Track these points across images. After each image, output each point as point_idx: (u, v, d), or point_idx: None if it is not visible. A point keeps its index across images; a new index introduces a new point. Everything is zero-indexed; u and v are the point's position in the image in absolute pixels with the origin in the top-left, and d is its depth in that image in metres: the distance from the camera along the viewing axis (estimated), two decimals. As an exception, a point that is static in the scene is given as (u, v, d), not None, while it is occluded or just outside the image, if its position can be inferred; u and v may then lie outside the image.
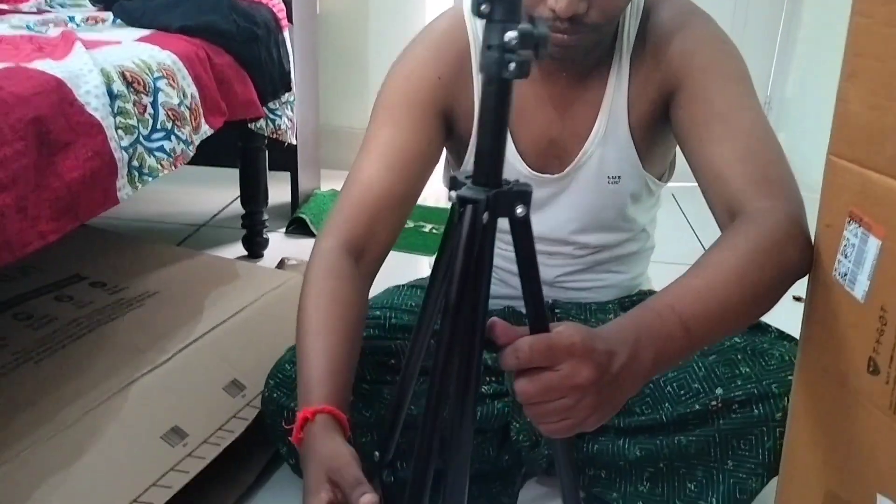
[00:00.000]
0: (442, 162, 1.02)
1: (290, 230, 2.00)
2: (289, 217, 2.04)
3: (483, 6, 0.47)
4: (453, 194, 0.52)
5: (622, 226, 1.03)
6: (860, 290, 0.63)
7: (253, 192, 1.78)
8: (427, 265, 1.28)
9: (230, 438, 0.97)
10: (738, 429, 0.88)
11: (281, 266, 1.62)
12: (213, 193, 2.24)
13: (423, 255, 1.80)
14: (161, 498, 0.84)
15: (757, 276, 0.69)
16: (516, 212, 0.51)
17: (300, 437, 0.71)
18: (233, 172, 1.78)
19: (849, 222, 0.64)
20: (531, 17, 0.49)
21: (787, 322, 0.91)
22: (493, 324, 0.55)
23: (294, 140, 1.78)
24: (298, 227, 1.99)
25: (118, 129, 1.07)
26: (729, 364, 0.91)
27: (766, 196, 0.77)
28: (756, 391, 0.87)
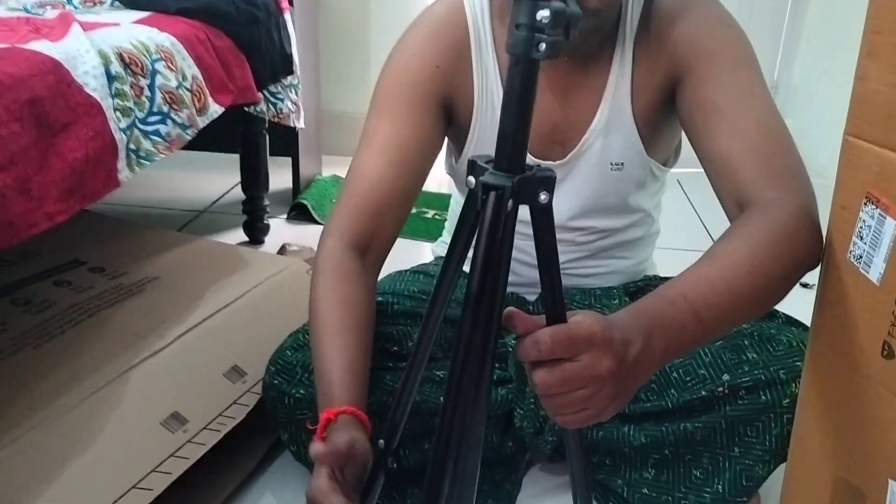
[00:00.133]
0: (443, 149, 1.01)
1: (291, 216, 1.99)
2: (290, 203, 2.03)
3: None
4: (472, 180, 0.50)
5: (626, 212, 1.02)
6: (875, 272, 0.62)
7: (254, 178, 1.77)
8: (429, 251, 1.27)
9: (230, 425, 0.96)
10: (745, 415, 0.88)
11: (282, 252, 1.61)
12: (214, 179, 2.23)
13: (426, 240, 1.79)
14: (161, 484, 0.83)
15: (769, 268, 0.68)
16: (540, 198, 0.50)
17: (324, 438, 0.72)
18: (234, 158, 1.77)
19: (865, 204, 0.63)
20: None
21: (795, 308, 0.90)
22: (512, 314, 0.54)
23: (301, 124, 1.76)
24: (300, 213, 1.98)
25: (117, 110, 1.06)
26: (736, 350, 0.90)
27: (776, 186, 0.75)
28: (763, 377, 0.87)
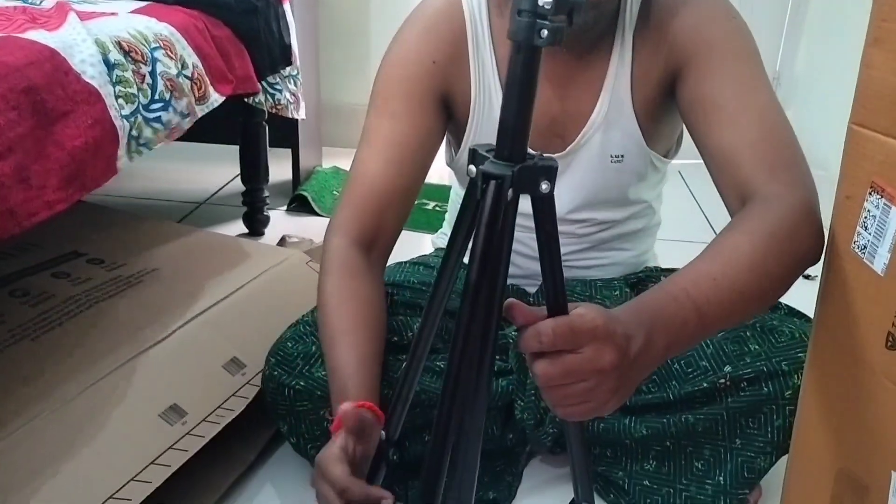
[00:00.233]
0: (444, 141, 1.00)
1: (291, 208, 1.98)
2: (290, 194, 2.02)
3: None
4: (473, 169, 0.50)
5: (626, 204, 1.02)
6: (880, 263, 0.62)
7: (253, 169, 1.76)
8: (430, 242, 1.26)
9: (230, 417, 0.95)
10: (747, 407, 0.87)
11: (282, 243, 1.60)
12: (214, 170, 2.22)
13: (426, 232, 1.78)
14: (160, 476, 0.83)
15: (770, 264, 0.68)
16: (541, 188, 0.49)
17: (339, 427, 0.73)
18: (233, 149, 1.76)
19: (870, 193, 0.62)
20: None
21: (798, 300, 0.90)
22: (512, 304, 0.54)
23: (301, 115, 1.76)
24: (300, 205, 1.97)
25: (119, 97, 1.06)
26: (738, 341, 0.89)
27: (778, 181, 0.75)
28: (765, 369, 0.86)
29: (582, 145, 0.94)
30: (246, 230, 1.81)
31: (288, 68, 1.66)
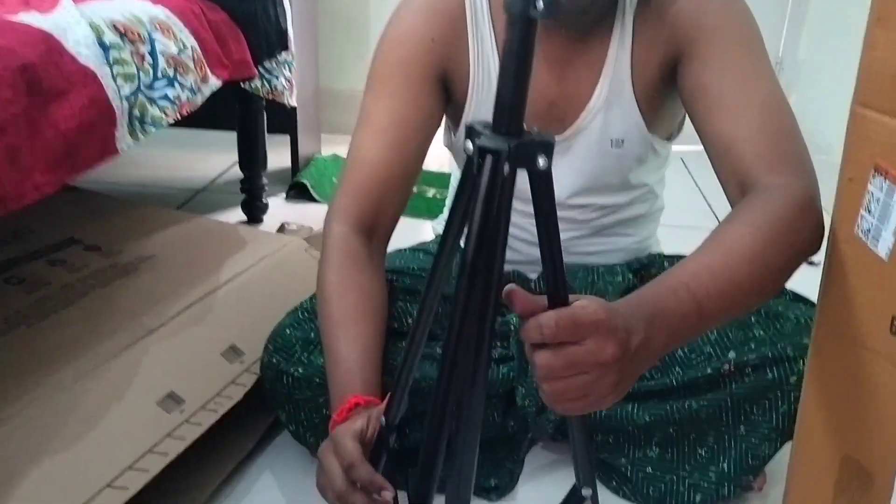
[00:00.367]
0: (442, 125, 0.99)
1: (290, 195, 1.97)
2: (289, 182, 2.00)
3: None
4: (470, 145, 0.49)
5: (627, 188, 1.00)
6: (884, 246, 0.60)
7: (251, 156, 1.75)
8: (430, 229, 1.25)
9: (228, 405, 0.94)
10: (752, 393, 0.87)
11: (281, 231, 1.59)
12: (213, 158, 2.20)
13: (427, 219, 1.77)
14: (157, 465, 0.82)
15: (772, 258, 0.68)
16: (538, 163, 0.48)
17: (346, 419, 0.74)
18: (233, 137, 1.74)
19: (874, 175, 0.61)
20: None
21: (802, 286, 0.89)
22: (512, 292, 0.53)
23: (293, 102, 1.74)
24: (299, 192, 1.96)
25: (116, 77, 1.05)
26: (742, 327, 0.88)
27: (779, 171, 0.75)
28: (770, 354, 0.86)
29: (582, 129, 0.93)
30: (245, 217, 1.79)
31: (283, 53, 1.64)
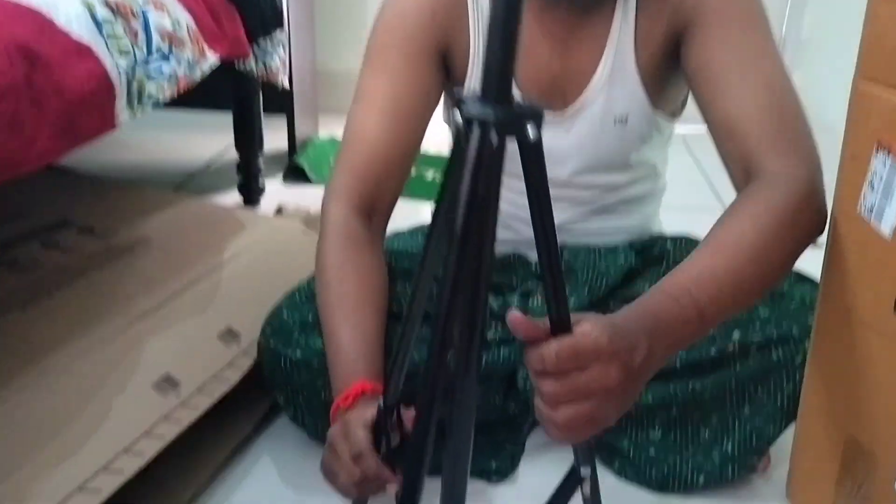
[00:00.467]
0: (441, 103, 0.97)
1: (287, 177, 1.95)
2: (286, 164, 1.98)
3: None
4: (458, 116, 0.47)
5: (630, 166, 0.99)
6: (888, 224, 0.59)
7: (247, 137, 1.72)
8: (429, 212, 1.23)
9: (224, 388, 0.93)
10: (756, 374, 0.86)
11: (278, 213, 1.58)
12: (209, 139, 2.18)
13: (426, 201, 1.75)
14: (153, 448, 0.81)
15: (773, 254, 0.68)
16: (528, 133, 0.46)
17: (353, 406, 0.73)
18: (229, 117, 1.72)
19: (876, 152, 0.60)
20: None
21: (808, 266, 0.87)
22: (514, 318, 0.53)
23: (286, 84, 1.72)
24: (296, 175, 1.94)
25: (112, 51, 1.03)
26: (747, 307, 0.87)
27: (783, 154, 0.74)
28: (775, 334, 0.85)
29: (585, 106, 0.91)
30: (241, 199, 1.78)
31: (277, 31, 1.61)
